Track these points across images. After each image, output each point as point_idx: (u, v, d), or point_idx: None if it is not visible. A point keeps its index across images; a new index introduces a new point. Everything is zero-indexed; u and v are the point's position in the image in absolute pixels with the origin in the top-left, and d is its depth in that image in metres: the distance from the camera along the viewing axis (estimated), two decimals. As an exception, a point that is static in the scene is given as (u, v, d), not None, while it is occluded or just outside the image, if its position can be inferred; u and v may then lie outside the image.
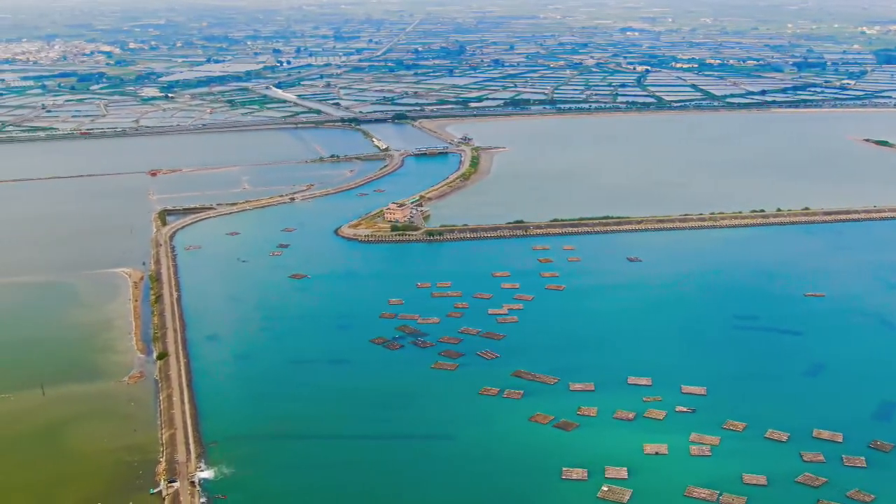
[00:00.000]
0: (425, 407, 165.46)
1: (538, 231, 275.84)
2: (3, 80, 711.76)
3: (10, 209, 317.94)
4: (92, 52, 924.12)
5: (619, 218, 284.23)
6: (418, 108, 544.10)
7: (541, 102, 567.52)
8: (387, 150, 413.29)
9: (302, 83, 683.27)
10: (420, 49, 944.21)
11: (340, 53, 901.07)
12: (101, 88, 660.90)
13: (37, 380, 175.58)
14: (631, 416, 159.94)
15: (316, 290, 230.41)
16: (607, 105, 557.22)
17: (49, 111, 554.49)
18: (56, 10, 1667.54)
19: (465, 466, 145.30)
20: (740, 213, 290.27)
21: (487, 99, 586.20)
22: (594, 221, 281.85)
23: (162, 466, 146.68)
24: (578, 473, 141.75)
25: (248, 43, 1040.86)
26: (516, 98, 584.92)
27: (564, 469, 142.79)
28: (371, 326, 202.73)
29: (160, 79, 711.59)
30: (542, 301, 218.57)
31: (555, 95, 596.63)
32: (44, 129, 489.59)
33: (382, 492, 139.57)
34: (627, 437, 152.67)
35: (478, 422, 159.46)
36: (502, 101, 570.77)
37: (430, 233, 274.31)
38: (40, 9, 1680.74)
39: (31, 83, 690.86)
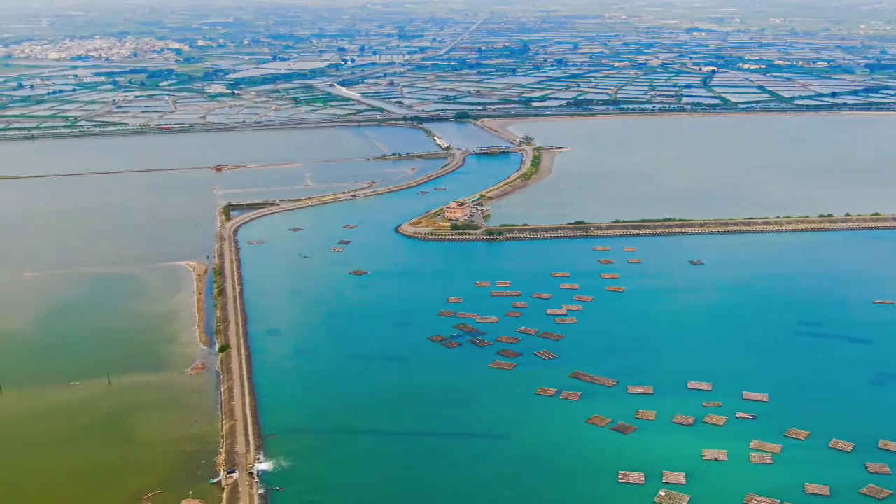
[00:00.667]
0: (482, 406, 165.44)
1: (599, 232, 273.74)
2: (76, 75, 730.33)
3: (81, 202, 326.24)
4: (162, 50, 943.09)
5: (681, 220, 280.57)
6: (480, 108, 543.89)
7: (604, 103, 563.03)
8: (448, 148, 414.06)
9: (365, 81, 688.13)
10: (483, 48, 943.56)
11: (404, 52, 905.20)
12: (170, 85, 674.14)
13: (104, 369, 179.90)
14: (690, 420, 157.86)
15: (375, 286, 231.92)
16: (672, 106, 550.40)
17: (119, 107, 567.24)
18: (128, 7, 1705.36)
19: (521, 467, 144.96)
20: (807, 217, 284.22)
21: (550, 98, 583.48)
22: (656, 223, 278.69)
23: (222, 457, 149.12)
24: (635, 477, 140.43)
25: (314, 41, 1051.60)
26: (579, 98, 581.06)
27: (621, 472, 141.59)
28: (429, 324, 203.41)
29: (227, 76, 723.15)
30: (601, 302, 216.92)
31: (618, 96, 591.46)
32: (114, 124, 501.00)
33: (437, 489, 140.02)
34: (686, 443, 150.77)
35: (534, 422, 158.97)
36: (565, 101, 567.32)
37: (489, 232, 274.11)
38: (113, 6, 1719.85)
39: (102, 79, 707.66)
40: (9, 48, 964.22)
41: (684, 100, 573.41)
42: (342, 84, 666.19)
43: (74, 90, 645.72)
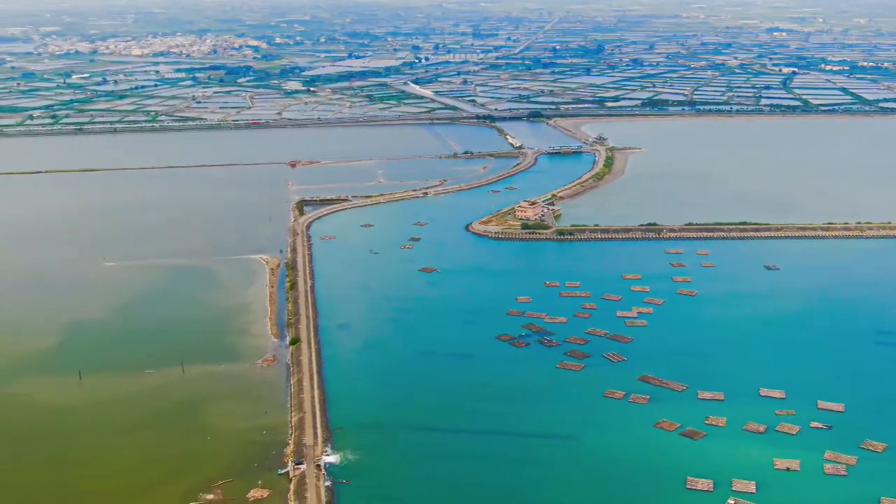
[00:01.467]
0: (548, 406, 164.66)
1: (671, 234, 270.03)
2: (157, 71, 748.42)
3: (160, 194, 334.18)
4: (240, 47, 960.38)
5: (757, 224, 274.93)
6: (554, 107, 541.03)
7: (679, 103, 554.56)
8: (520, 147, 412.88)
9: (439, 80, 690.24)
10: (558, 47, 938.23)
11: (478, 51, 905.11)
12: (248, 81, 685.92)
13: (178, 358, 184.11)
14: (762, 428, 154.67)
15: (445, 284, 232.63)
16: (749, 107, 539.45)
17: (199, 102, 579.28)
18: (209, 5, 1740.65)
19: (587, 469, 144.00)
20: (889, 223, 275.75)
21: (624, 98, 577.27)
22: (730, 227, 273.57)
23: (290, 448, 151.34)
24: (704, 484, 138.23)
25: (389, 39, 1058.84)
26: (654, 98, 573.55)
27: (689, 479, 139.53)
28: (497, 323, 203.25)
29: (303, 73, 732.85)
30: (672, 306, 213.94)
31: (694, 96, 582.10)
32: (193, 119, 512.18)
33: (502, 488, 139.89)
34: (757, 451, 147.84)
35: (601, 424, 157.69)
36: (639, 101, 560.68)
37: (560, 232, 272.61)
38: (194, 4, 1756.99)
39: (183, 75, 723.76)
40: (95, 44, 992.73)
41: (763, 101, 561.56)
42: (416, 82, 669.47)
43: (156, 86, 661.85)
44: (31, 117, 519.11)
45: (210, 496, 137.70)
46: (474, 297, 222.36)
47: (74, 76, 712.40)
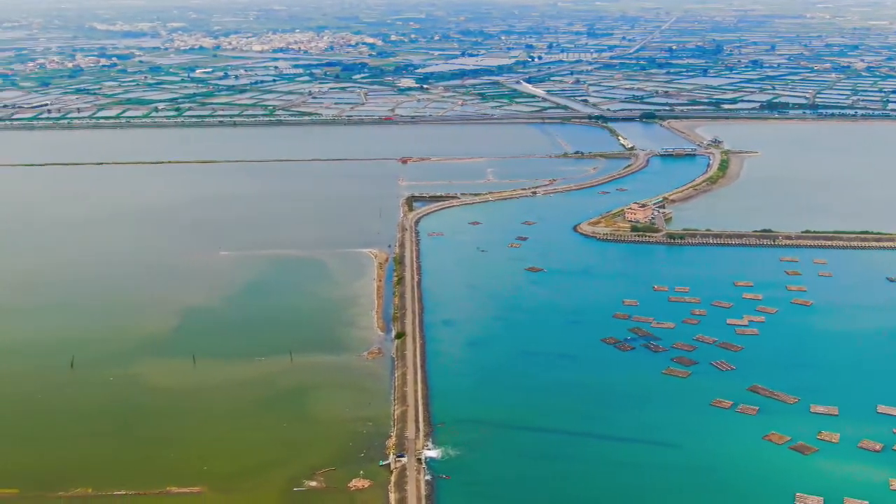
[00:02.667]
0: (653, 412, 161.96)
1: (787, 241, 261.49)
2: (276, 67, 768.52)
3: (274, 187, 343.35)
4: (357, 44, 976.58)
5: (879, 234, 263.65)
6: (668, 108, 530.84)
7: (800, 106, 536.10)
8: (632, 149, 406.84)
9: (551, 79, 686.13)
10: (674, 48, 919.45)
11: (592, 50, 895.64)
12: (363, 78, 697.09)
13: (287, 346, 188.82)
14: (878, 447, 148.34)
15: (551, 284, 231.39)
16: (876, 112, 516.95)
17: (315, 98, 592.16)
18: (327, 3, 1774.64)
19: (691, 479, 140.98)
20: None
21: (742, 101, 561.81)
22: (851, 235, 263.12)
23: (392, 441, 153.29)
24: (814, 501, 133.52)
25: (502, 38, 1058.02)
26: (773, 101, 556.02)
27: (798, 495, 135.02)
28: (603, 325, 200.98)
29: (417, 70, 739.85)
30: (786, 315, 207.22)
31: (816, 100, 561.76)
32: (308, 114, 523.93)
33: (602, 493, 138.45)
34: (872, 470, 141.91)
35: (707, 434, 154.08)
36: (758, 104, 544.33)
37: (671, 235, 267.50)
38: (314, 2, 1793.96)
39: (300, 71, 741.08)
40: (218, 40, 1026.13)
41: (890, 106, 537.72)
42: (528, 81, 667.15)
43: (274, 81, 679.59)
44: (156, 109, 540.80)
45: (313, 483, 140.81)
46: (580, 298, 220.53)
47: (198, 71, 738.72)
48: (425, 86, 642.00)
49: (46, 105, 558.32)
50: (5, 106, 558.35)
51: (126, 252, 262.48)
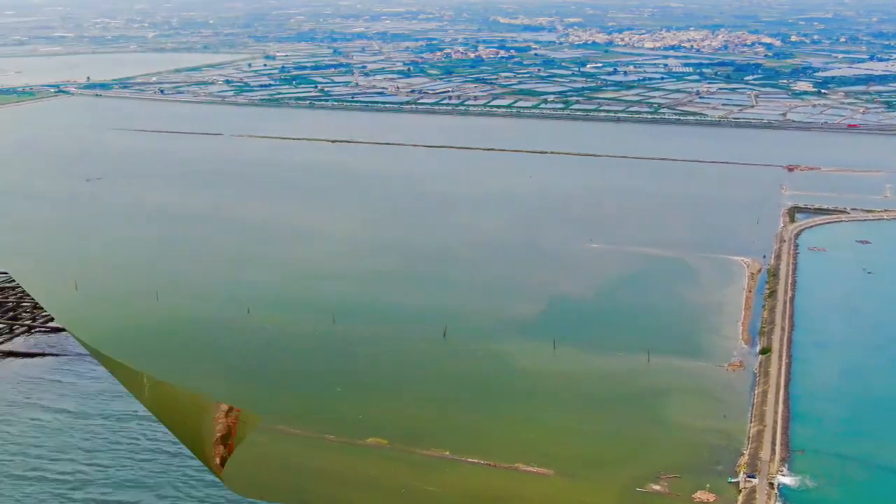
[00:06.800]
0: None
1: None
2: (665, 64, 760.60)
3: (649, 185, 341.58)
4: (753, 44, 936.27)
5: None
6: None
7: None
8: None
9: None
10: None
11: None
12: (755, 79, 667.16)
13: (645, 345, 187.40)
14: None
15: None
16: None
17: (701, 97, 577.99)
18: (725, 1, 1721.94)
19: None
20: None
21: None
22: None
23: (744, 459, 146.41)
24: None
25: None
26: None
27: None
28: None
29: (815, 74, 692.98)
30: None
31: None
32: (693, 113, 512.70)
33: None
34: None
35: None
36: None
37: None
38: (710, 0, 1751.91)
39: (690, 69, 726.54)
40: (611, 36, 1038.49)
41: None
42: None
43: (662, 79, 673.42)
44: (545, 101, 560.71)
45: (657, 487, 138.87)
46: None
47: (588, 65, 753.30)
48: (823, 91, 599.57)
49: (448, 92, 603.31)
50: (413, 91, 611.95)
51: (501, 233, 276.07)
